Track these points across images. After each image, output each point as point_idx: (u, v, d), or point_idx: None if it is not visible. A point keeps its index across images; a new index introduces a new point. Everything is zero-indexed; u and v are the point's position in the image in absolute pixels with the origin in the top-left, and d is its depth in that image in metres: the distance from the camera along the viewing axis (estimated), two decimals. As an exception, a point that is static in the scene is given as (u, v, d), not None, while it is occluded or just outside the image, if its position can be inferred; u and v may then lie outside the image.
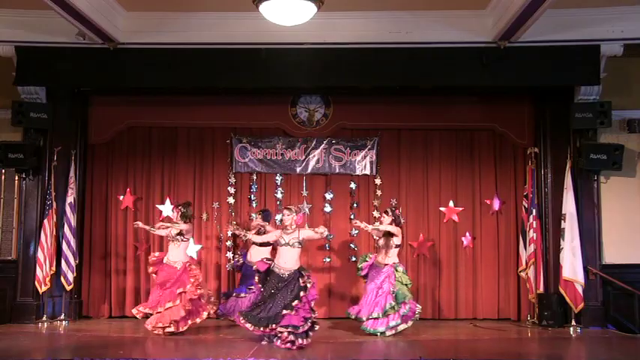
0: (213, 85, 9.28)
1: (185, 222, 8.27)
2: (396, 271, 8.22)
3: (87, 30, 8.40)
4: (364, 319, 8.09)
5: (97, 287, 9.79)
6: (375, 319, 8.04)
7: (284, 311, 7.18)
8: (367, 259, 8.47)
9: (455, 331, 8.77)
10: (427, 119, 9.89)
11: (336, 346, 7.40)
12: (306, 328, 7.21)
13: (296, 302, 7.21)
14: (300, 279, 7.36)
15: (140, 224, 8.76)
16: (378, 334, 7.97)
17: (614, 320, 8.95)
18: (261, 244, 8.73)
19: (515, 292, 9.66)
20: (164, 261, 8.24)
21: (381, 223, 8.48)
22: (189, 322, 8.12)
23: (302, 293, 7.27)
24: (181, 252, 8.27)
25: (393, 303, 8.02)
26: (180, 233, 8.23)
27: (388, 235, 8.34)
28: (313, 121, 9.94)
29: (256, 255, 8.78)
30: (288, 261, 7.44)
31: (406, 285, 8.22)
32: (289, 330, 7.12)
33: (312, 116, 9.95)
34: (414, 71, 8.98)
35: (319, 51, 8.85)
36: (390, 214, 8.42)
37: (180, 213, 8.34)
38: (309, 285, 7.33)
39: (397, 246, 8.34)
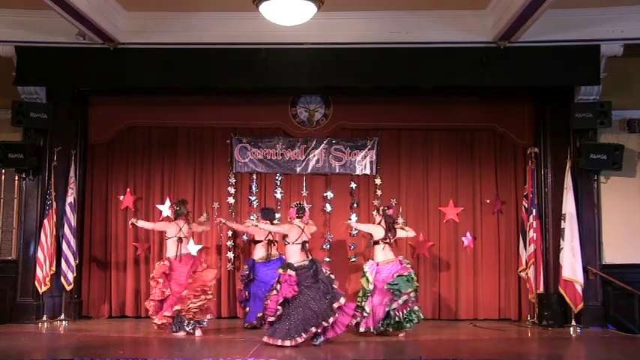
0: (214, 85, 9.27)
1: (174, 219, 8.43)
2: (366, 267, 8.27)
3: (87, 30, 8.40)
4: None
5: (97, 287, 9.79)
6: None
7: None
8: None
9: (455, 331, 8.77)
10: (427, 119, 9.90)
11: (336, 346, 7.39)
12: (266, 326, 7.38)
13: (267, 301, 7.46)
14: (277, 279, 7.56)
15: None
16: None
17: (614, 320, 8.96)
18: (257, 241, 8.86)
19: (515, 292, 9.66)
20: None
21: (374, 222, 8.47)
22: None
23: (274, 292, 7.43)
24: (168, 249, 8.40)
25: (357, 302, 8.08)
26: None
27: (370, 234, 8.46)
28: (313, 121, 9.94)
29: (259, 253, 8.87)
30: (289, 257, 7.63)
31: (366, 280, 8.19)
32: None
33: (312, 116, 9.95)
34: (414, 71, 8.98)
35: (319, 51, 8.85)
36: (381, 213, 8.41)
37: (173, 210, 8.46)
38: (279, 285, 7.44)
39: (375, 243, 8.33)
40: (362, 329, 8.01)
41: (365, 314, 8.00)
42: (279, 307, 7.25)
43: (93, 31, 8.42)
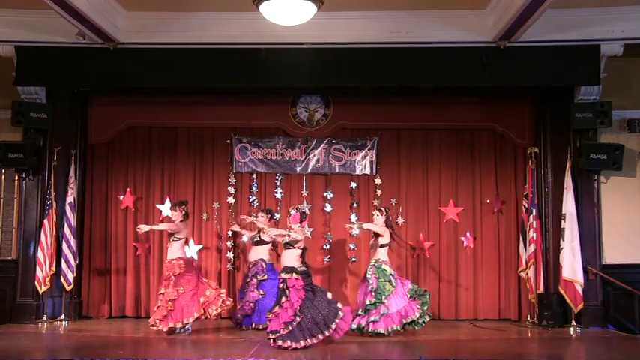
0: (214, 85, 9.27)
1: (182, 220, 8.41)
2: (377, 267, 8.19)
3: (87, 30, 8.40)
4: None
5: (97, 287, 9.79)
6: (358, 315, 8.05)
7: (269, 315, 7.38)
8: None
9: (455, 331, 8.77)
10: (427, 119, 9.90)
11: (336, 346, 7.39)
12: (286, 332, 7.14)
13: (276, 308, 7.31)
14: (281, 283, 7.43)
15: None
16: (355, 328, 7.92)
17: (614, 320, 8.96)
18: (257, 243, 8.85)
19: (515, 292, 9.66)
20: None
21: (372, 221, 8.45)
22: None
23: (283, 298, 7.32)
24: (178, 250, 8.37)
25: (374, 300, 8.02)
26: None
27: (376, 234, 8.34)
28: (313, 121, 9.94)
29: (254, 255, 8.87)
30: (288, 262, 7.46)
31: (388, 281, 8.14)
32: (271, 336, 7.20)
33: (312, 116, 9.95)
34: (414, 71, 8.98)
35: (319, 51, 8.85)
36: (384, 213, 8.39)
37: (184, 212, 8.40)
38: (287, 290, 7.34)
39: (382, 245, 8.29)
40: (381, 330, 7.95)
41: (383, 311, 7.98)
42: (298, 313, 7.19)
43: (93, 31, 8.42)
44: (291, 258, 7.46)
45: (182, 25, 8.76)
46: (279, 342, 7.11)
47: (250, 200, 9.88)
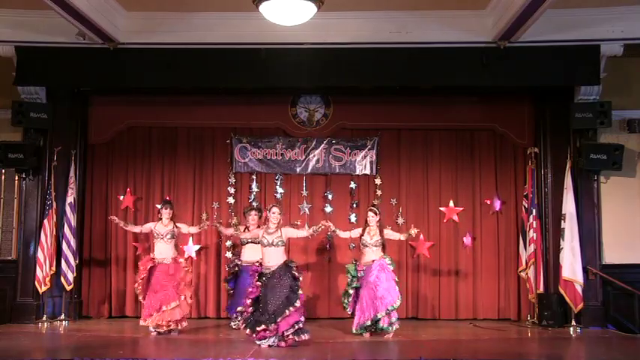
0: (214, 85, 9.28)
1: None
2: (386, 260, 8.19)
3: (87, 30, 8.41)
4: (380, 315, 7.92)
5: (97, 287, 9.79)
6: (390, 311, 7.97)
7: (287, 310, 7.11)
8: (357, 268, 8.25)
9: (455, 331, 8.77)
10: (427, 119, 9.90)
11: (336, 346, 7.40)
12: (304, 321, 7.24)
13: (298, 302, 7.20)
14: (291, 273, 7.34)
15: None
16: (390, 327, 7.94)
17: (614, 320, 8.96)
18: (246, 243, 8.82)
19: (515, 292, 9.66)
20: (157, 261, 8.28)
21: (368, 222, 8.32)
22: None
23: (300, 291, 7.28)
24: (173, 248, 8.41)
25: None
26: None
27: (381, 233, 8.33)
28: (313, 121, 9.95)
29: (250, 254, 8.76)
30: (272, 259, 7.40)
31: None
32: (295, 329, 7.16)
33: (312, 116, 9.96)
34: (414, 71, 8.99)
35: (319, 51, 8.85)
36: (378, 212, 8.36)
37: (173, 212, 8.46)
38: (301, 278, 7.38)
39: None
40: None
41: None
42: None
43: (93, 31, 8.42)
44: (280, 255, 7.44)
45: (182, 25, 8.77)
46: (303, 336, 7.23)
47: (250, 200, 9.88)
